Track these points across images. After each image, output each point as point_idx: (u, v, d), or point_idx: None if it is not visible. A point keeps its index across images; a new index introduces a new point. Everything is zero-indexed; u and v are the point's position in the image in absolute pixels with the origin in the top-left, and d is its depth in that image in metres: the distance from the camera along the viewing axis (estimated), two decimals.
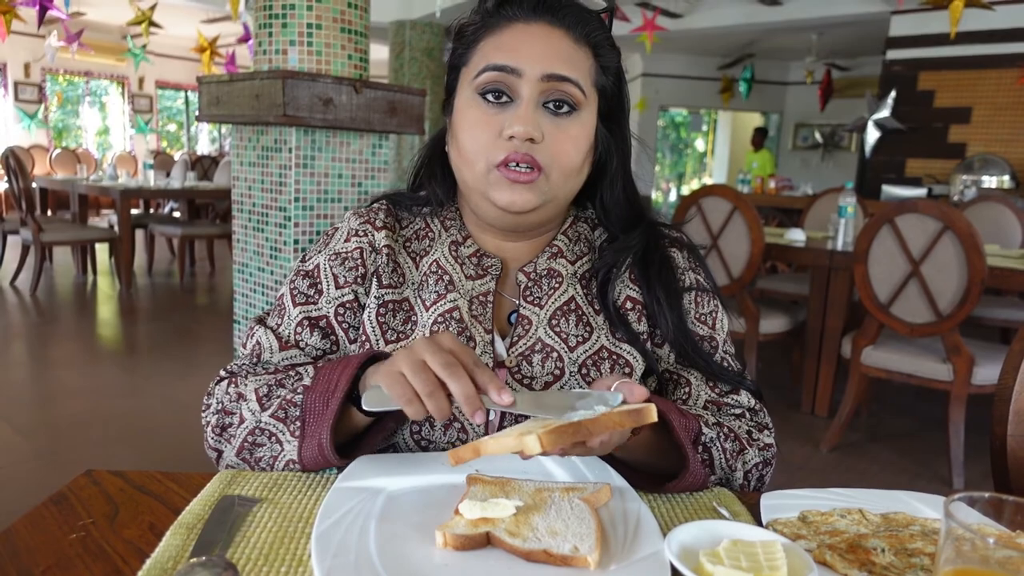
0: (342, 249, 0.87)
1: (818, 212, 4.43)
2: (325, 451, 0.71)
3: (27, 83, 10.76)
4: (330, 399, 0.72)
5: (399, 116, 2.25)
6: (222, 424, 0.78)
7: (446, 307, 0.83)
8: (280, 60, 2.12)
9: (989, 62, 6.38)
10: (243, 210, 2.27)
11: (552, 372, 0.82)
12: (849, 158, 9.98)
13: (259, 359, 0.85)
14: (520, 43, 0.79)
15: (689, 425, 0.75)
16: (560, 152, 0.79)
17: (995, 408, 0.95)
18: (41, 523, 0.63)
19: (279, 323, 0.86)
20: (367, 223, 0.88)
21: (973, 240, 2.42)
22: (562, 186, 0.81)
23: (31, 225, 5.09)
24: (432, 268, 0.86)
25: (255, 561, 0.57)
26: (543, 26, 0.80)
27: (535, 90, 0.78)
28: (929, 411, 3.36)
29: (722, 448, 0.78)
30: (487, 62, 0.79)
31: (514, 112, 0.77)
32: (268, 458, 0.75)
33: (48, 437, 2.72)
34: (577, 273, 0.88)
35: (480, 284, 0.85)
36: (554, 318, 0.84)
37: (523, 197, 0.78)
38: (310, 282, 0.87)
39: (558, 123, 0.79)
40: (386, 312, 0.84)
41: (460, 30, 0.84)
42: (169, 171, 7.15)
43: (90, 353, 3.94)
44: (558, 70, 0.78)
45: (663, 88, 10.59)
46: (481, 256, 0.87)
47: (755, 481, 0.82)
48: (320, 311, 0.86)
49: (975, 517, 0.50)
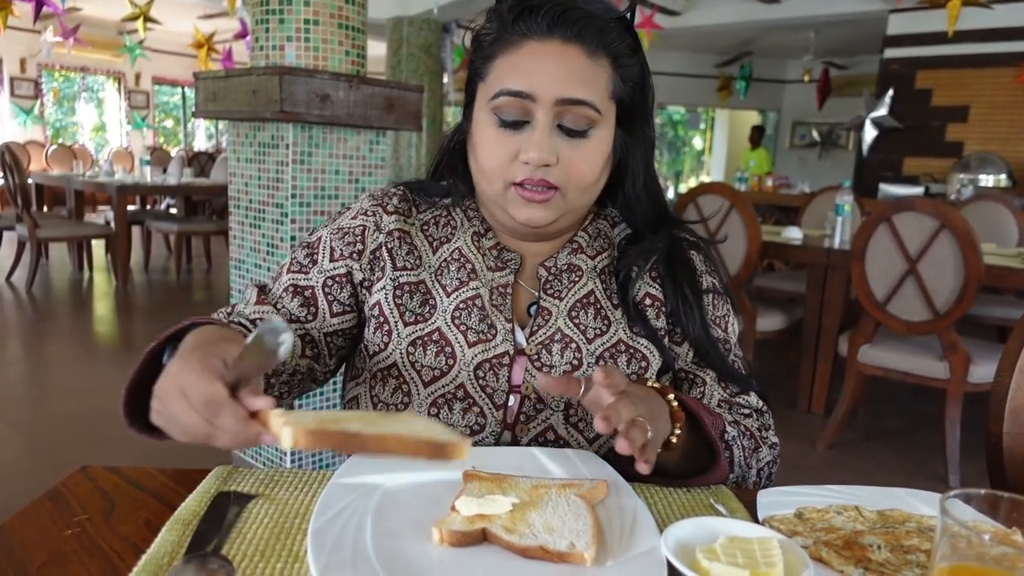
0: (346, 225, 0.89)
1: (815, 210, 4.44)
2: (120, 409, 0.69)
3: (23, 79, 10.72)
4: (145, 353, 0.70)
5: (396, 112, 2.24)
6: None
7: (468, 294, 0.85)
8: (277, 56, 2.12)
9: (987, 61, 6.39)
10: (240, 206, 2.27)
11: (571, 362, 0.84)
12: (846, 156, 9.98)
13: (233, 309, 0.87)
14: (534, 65, 0.78)
15: (716, 423, 0.77)
16: (575, 172, 0.80)
17: (991, 406, 0.96)
18: (36, 519, 0.63)
19: (268, 285, 0.89)
20: (378, 205, 0.90)
21: (970, 238, 2.42)
22: (579, 199, 0.83)
23: (27, 221, 5.07)
24: (454, 255, 0.87)
25: (251, 557, 0.57)
26: (557, 44, 0.79)
27: (549, 114, 0.78)
28: (925, 409, 3.37)
29: (742, 446, 0.81)
30: (502, 86, 0.79)
31: (529, 136, 0.79)
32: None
33: (44, 434, 2.71)
34: (597, 268, 0.89)
35: (500, 276, 0.87)
36: (574, 310, 0.86)
37: (540, 214, 0.81)
38: (308, 252, 0.89)
39: (573, 144, 0.80)
40: (403, 294, 0.86)
41: (477, 39, 0.84)
42: (166, 167, 7.12)
43: (86, 350, 3.94)
44: (572, 93, 0.78)
45: (661, 86, 10.40)
46: (501, 249, 0.89)
47: (765, 479, 0.85)
48: (308, 281, 0.87)
49: (971, 514, 0.50)
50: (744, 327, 3.18)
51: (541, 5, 0.79)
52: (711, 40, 9.25)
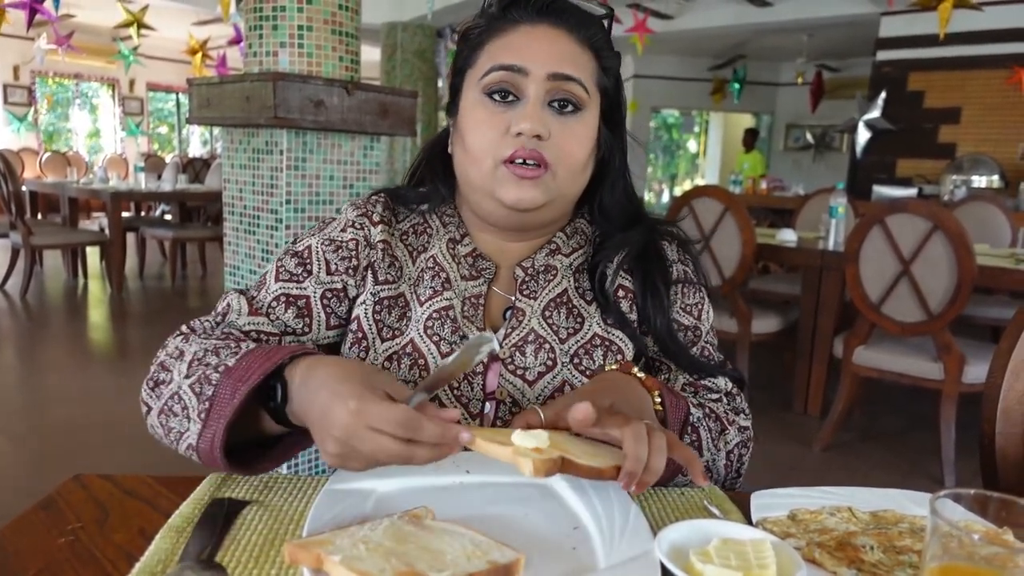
0: (338, 237, 0.87)
1: (809, 212, 4.45)
2: (215, 449, 0.67)
3: (16, 86, 10.69)
4: (238, 389, 0.66)
5: (391, 118, 2.24)
6: (156, 379, 0.75)
7: (441, 304, 0.84)
8: (271, 62, 2.12)
9: (978, 63, 6.43)
10: (234, 212, 2.27)
11: (545, 363, 0.83)
12: (840, 159, 10.02)
13: (224, 318, 0.83)
14: (526, 44, 0.80)
15: (679, 405, 0.78)
16: (566, 150, 0.80)
17: (983, 406, 0.96)
18: (29, 528, 0.63)
19: (256, 295, 0.85)
20: (364, 216, 0.89)
21: (963, 240, 2.43)
22: (568, 183, 0.83)
23: (21, 228, 5.06)
24: (429, 264, 0.87)
25: (245, 564, 0.57)
26: (547, 28, 0.81)
27: (541, 89, 0.79)
28: (921, 410, 3.38)
29: (708, 427, 0.81)
30: (494, 62, 0.80)
31: (521, 110, 0.79)
32: (176, 432, 0.71)
33: (38, 442, 2.70)
34: (572, 265, 0.89)
35: (473, 286, 0.86)
36: (547, 309, 0.85)
37: (530, 194, 0.79)
38: (298, 261, 0.86)
39: (564, 122, 0.80)
40: (382, 309, 0.85)
41: (465, 33, 0.86)
42: (160, 174, 7.10)
43: (81, 357, 3.92)
44: (563, 69, 0.79)
45: (654, 90, 10.62)
46: (476, 257, 0.88)
47: (736, 462, 0.84)
48: (304, 291, 0.85)
49: (961, 514, 0.50)
50: (740, 329, 3.19)
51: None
52: (704, 43, 9.28)
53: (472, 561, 0.52)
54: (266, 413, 0.70)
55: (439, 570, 0.50)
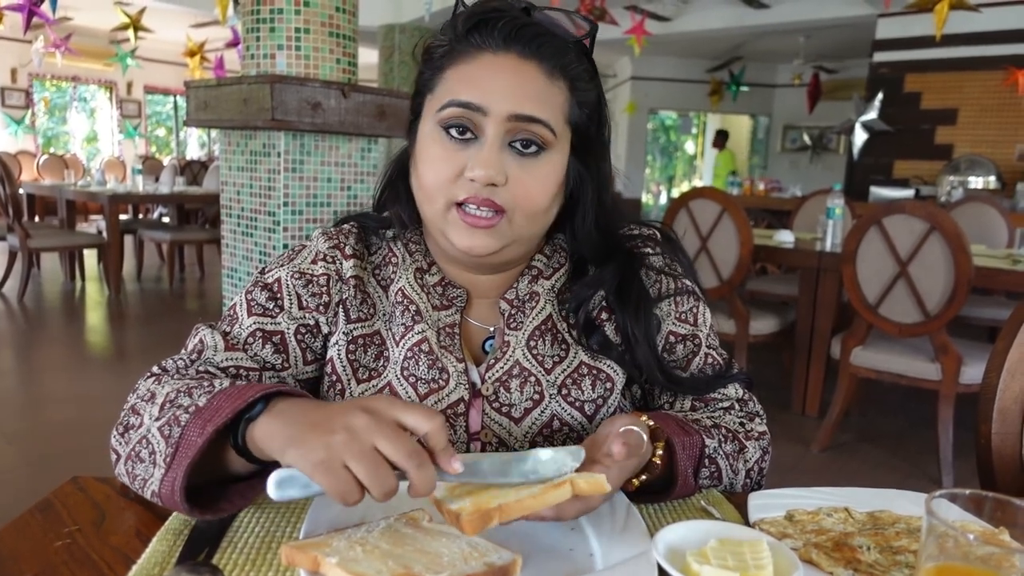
0: (308, 270, 0.82)
1: (807, 214, 4.46)
2: (176, 493, 0.59)
3: (14, 88, 10.69)
4: (204, 430, 0.60)
5: (388, 120, 2.25)
6: (126, 423, 0.69)
7: (415, 339, 0.79)
8: (268, 64, 2.12)
9: (975, 64, 6.44)
10: (232, 215, 2.27)
11: (531, 398, 0.79)
12: (837, 160, 10.03)
13: (199, 356, 0.77)
14: (487, 78, 0.72)
15: (692, 443, 0.73)
16: (524, 194, 0.73)
17: (980, 406, 0.96)
18: (26, 530, 0.63)
19: (228, 329, 0.79)
20: (336, 248, 0.83)
21: (960, 240, 2.44)
22: (527, 227, 0.76)
23: (18, 231, 5.05)
24: (398, 297, 0.82)
25: (242, 566, 0.57)
26: (513, 58, 0.73)
27: (500, 129, 0.72)
28: (918, 410, 3.38)
29: (725, 455, 0.76)
30: (451, 96, 0.73)
31: (477, 153, 0.72)
32: (140, 479, 0.64)
33: (36, 444, 2.70)
34: (555, 287, 0.84)
35: (446, 315, 0.81)
36: (532, 339, 0.81)
37: (482, 242, 0.73)
38: (269, 295, 0.81)
39: (524, 164, 0.73)
40: (356, 348, 0.80)
41: (428, 51, 0.79)
42: (158, 176, 7.10)
43: (79, 359, 3.92)
44: (526, 110, 0.72)
45: (652, 91, 10.64)
46: (447, 285, 0.83)
47: (756, 475, 0.80)
48: (278, 326, 0.80)
49: (957, 514, 0.50)
50: (738, 330, 3.19)
51: (498, 17, 0.73)
52: (702, 45, 9.29)
53: (469, 563, 0.52)
54: (236, 452, 0.63)
55: (436, 572, 0.50)
